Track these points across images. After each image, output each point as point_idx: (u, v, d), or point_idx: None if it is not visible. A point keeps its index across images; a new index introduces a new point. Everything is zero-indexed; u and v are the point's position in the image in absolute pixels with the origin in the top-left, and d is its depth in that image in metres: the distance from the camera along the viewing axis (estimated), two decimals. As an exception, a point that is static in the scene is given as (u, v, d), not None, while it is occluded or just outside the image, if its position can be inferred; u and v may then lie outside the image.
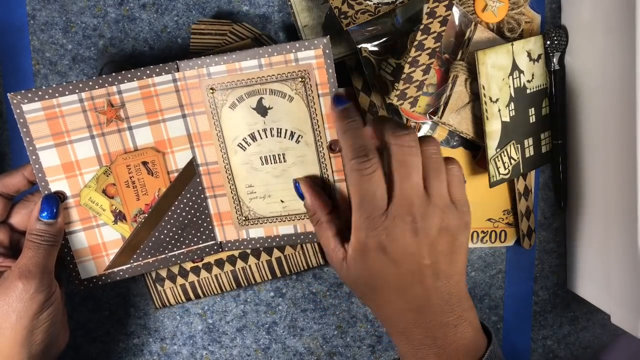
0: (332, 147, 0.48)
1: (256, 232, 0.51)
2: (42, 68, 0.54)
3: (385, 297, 0.43)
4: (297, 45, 0.46)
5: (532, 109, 0.56)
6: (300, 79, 0.47)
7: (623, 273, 0.48)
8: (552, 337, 0.62)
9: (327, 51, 0.46)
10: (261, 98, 0.48)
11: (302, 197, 0.48)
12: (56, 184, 0.47)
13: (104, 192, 0.48)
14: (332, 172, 0.49)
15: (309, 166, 0.49)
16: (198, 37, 0.53)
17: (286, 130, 0.48)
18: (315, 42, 0.46)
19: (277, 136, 0.49)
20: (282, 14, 0.55)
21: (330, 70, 0.47)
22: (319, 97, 0.47)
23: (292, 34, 0.55)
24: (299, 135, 0.48)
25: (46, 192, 0.47)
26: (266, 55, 0.47)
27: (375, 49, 0.53)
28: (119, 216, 0.49)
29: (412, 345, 0.42)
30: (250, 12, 0.55)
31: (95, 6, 0.54)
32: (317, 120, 0.48)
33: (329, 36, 0.47)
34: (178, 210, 0.49)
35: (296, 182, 0.48)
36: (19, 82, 0.54)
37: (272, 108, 0.48)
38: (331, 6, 0.50)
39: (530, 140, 0.56)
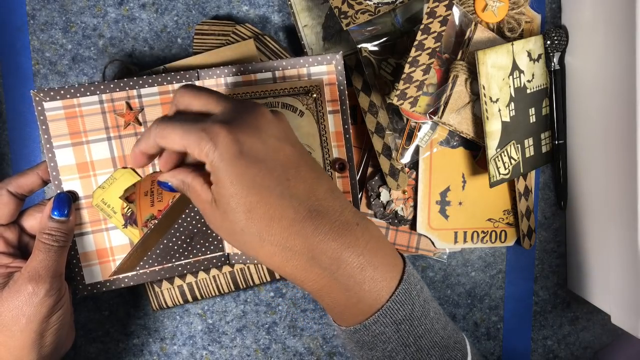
0: (338, 166, 0.48)
1: None
2: (41, 68, 0.54)
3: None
4: (311, 60, 0.47)
5: (532, 109, 0.55)
6: (311, 94, 0.47)
7: (623, 273, 0.48)
8: (552, 337, 0.62)
9: (339, 67, 0.47)
10: None
11: (172, 189, 0.41)
12: (69, 184, 0.47)
13: (127, 199, 0.48)
14: None
15: None
16: (201, 37, 0.53)
17: None
18: (328, 57, 0.47)
19: None
20: (282, 14, 0.55)
21: (342, 88, 0.47)
22: (328, 114, 0.48)
23: (292, 34, 0.55)
24: (308, 152, 0.49)
25: (59, 191, 0.47)
26: (280, 69, 0.47)
27: (375, 49, 0.53)
28: (130, 220, 0.49)
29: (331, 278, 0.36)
30: (250, 12, 0.55)
31: (95, 6, 0.54)
32: (326, 138, 0.48)
33: (342, 52, 0.47)
34: (189, 218, 0.49)
35: (161, 183, 0.41)
36: (18, 82, 0.54)
37: None
38: (331, 6, 0.50)
39: (531, 140, 0.56)
